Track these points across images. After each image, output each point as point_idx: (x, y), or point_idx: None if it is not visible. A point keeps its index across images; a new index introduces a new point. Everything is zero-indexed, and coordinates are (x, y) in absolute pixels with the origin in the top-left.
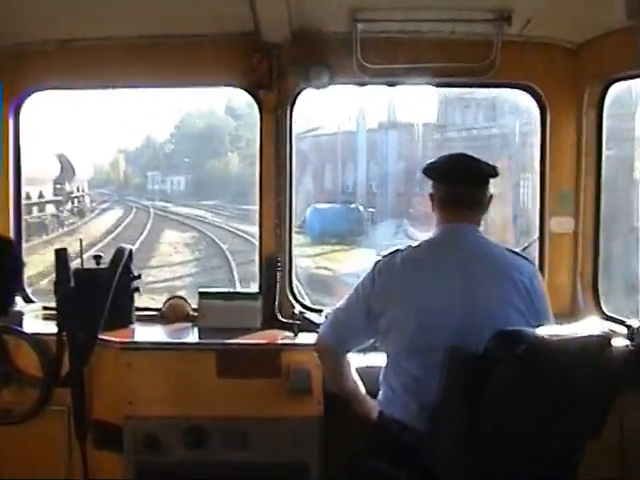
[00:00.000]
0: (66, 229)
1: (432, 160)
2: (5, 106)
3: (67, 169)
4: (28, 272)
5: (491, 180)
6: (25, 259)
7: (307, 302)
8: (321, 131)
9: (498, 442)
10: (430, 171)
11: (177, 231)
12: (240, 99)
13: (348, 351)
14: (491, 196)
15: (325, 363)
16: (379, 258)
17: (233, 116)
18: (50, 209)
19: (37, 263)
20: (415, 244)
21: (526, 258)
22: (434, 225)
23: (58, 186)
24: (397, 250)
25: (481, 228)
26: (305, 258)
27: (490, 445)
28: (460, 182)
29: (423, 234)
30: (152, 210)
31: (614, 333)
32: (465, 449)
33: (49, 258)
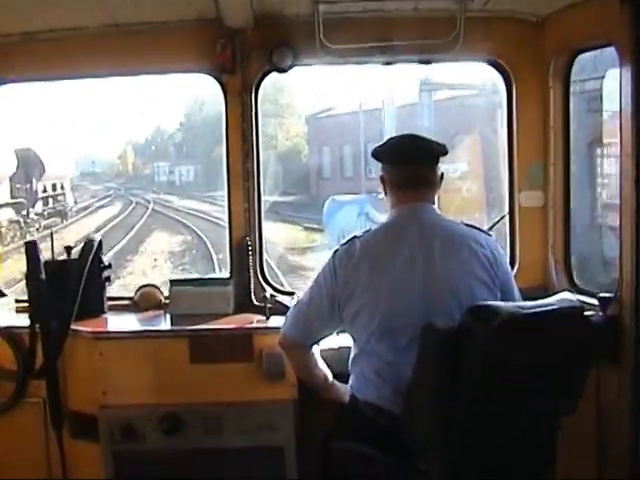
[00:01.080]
0: (32, 236)
1: (380, 143)
2: None
3: (32, 165)
4: None
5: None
6: None
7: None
8: (337, 111)
9: (475, 418)
10: (379, 154)
11: (168, 234)
12: None
13: (314, 344)
14: (442, 174)
15: (291, 358)
16: (337, 247)
17: None
18: (7, 214)
19: None
20: (373, 229)
21: (484, 231)
22: (389, 208)
23: (18, 186)
24: (354, 237)
25: (435, 206)
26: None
27: (468, 421)
28: (410, 162)
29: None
30: (150, 206)
31: (587, 305)
32: (443, 427)
33: None
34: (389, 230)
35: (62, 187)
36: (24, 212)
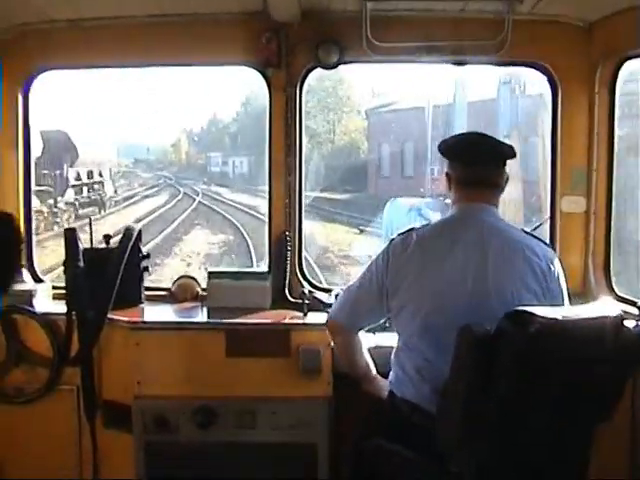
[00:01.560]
0: (61, 227)
1: (447, 138)
2: (8, 87)
3: (63, 149)
4: None
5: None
6: None
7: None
8: (400, 105)
9: (507, 424)
10: (448, 151)
11: (210, 231)
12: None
13: (360, 330)
14: (508, 177)
15: (336, 341)
16: (394, 237)
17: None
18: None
19: None
20: (432, 223)
21: (544, 242)
22: (451, 204)
23: (45, 172)
24: (412, 229)
25: (498, 210)
26: None
27: (499, 426)
28: (479, 163)
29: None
30: (197, 199)
31: (627, 314)
32: (475, 429)
33: None
34: (447, 226)
35: (100, 175)
36: (50, 201)
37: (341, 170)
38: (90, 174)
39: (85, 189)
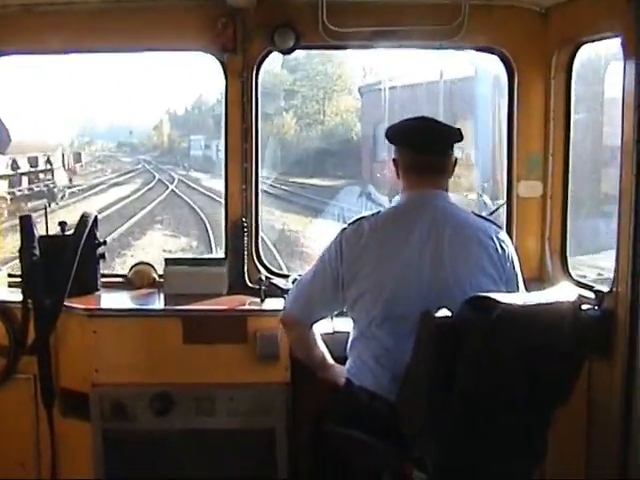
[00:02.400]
0: None
1: (394, 124)
2: None
3: None
4: None
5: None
6: None
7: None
8: (398, 82)
9: (470, 408)
10: (396, 137)
11: (169, 234)
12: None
13: (315, 322)
14: (456, 160)
15: (292, 336)
16: (345, 226)
17: (289, 69)
18: None
19: None
20: (382, 211)
21: (494, 223)
22: (401, 191)
23: None
24: (363, 217)
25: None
26: None
27: (462, 411)
28: (429, 150)
29: None
30: (171, 187)
31: (582, 298)
32: (438, 415)
33: None
34: (400, 214)
35: (49, 162)
36: None
37: (332, 154)
38: (33, 162)
39: (25, 179)
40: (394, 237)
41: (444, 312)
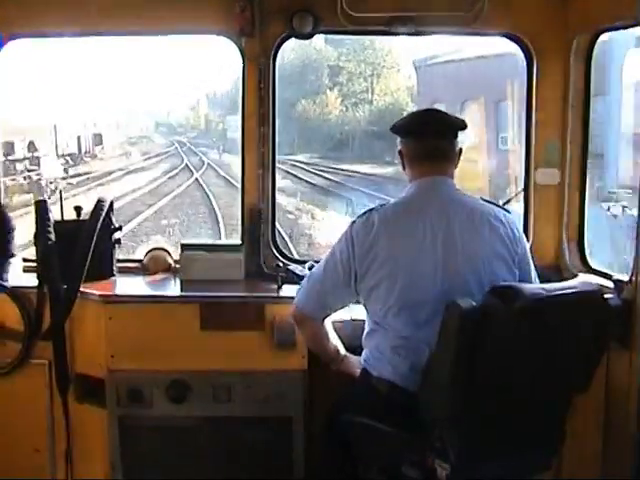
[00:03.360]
0: None
1: (401, 118)
2: None
3: None
4: None
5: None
6: None
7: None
8: (458, 55)
9: (492, 397)
10: (400, 128)
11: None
12: None
13: (327, 317)
14: (461, 149)
15: (304, 331)
16: (354, 219)
17: (334, 44)
18: None
19: None
20: (391, 202)
21: (503, 208)
22: (408, 181)
23: None
24: (372, 209)
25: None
26: None
27: (485, 400)
28: (429, 136)
29: None
30: (197, 175)
31: (602, 287)
32: (461, 405)
33: None
34: (409, 203)
35: (32, 147)
36: None
37: (381, 137)
38: (8, 149)
39: None
40: (405, 226)
41: (469, 302)
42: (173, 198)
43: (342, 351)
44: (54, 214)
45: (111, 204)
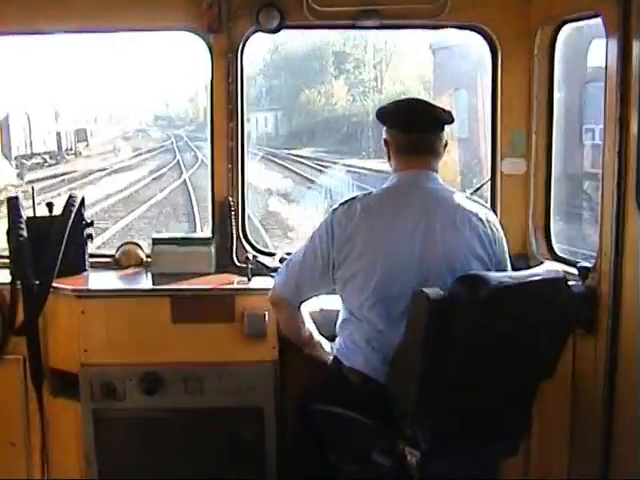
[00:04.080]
0: None
1: (385, 104)
2: None
3: None
4: None
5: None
6: None
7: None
8: None
9: (462, 385)
10: (386, 117)
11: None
12: None
13: (304, 302)
14: (446, 142)
15: (280, 315)
16: (335, 206)
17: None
18: None
19: None
20: (374, 192)
21: (486, 207)
22: (392, 172)
23: None
24: (355, 198)
25: (439, 175)
26: None
27: (453, 388)
28: (418, 129)
29: None
30: (185, 176)
31: (567, 275)
32: (430, 394)
33: None
34: (391, 195)
35: None
36: None
37: None
38: None
39: None
40: (386, 218)
41: (436, 291)
42: (149, 209)
43: (316, 336)
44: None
45: (82, 200)
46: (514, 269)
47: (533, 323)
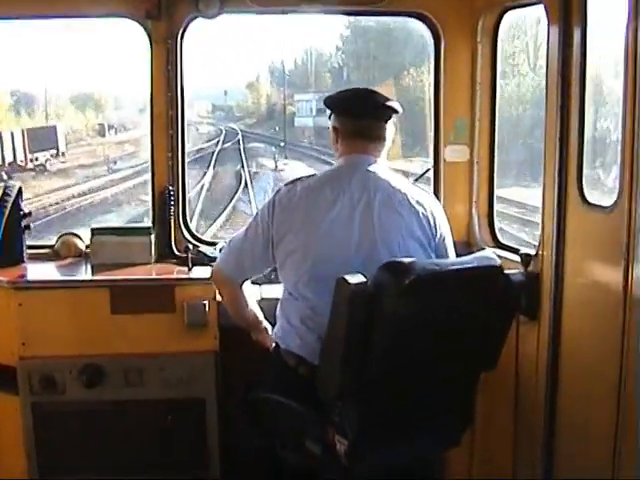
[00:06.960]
0: None
1: (334, 93)
2: None
3: None
4: None
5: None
6: None
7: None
8: None
9: (389, 373)
10: (335, 105)
11: None
12: None
13: (245, 280)
14: (393, 131)
15: (223, 293)
16: (280, 187)
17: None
18: None
19: None
20: (317, 174)
21: (427, 192)
22: (337, 157)
23: None
24: (299, 179)
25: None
26: None
27: (379, 376)
28: (365, 116)
29: None
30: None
31: (508, 261)
32: (355, 381)
33: None
34: (333, 177)
35: None
36: None
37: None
38: None
39: None
40: (325, 199)
41: (359, 278)
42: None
43: (262, 320)
44: None
45: (20, 190)
46: (458, 257)
47: (468, 311)
